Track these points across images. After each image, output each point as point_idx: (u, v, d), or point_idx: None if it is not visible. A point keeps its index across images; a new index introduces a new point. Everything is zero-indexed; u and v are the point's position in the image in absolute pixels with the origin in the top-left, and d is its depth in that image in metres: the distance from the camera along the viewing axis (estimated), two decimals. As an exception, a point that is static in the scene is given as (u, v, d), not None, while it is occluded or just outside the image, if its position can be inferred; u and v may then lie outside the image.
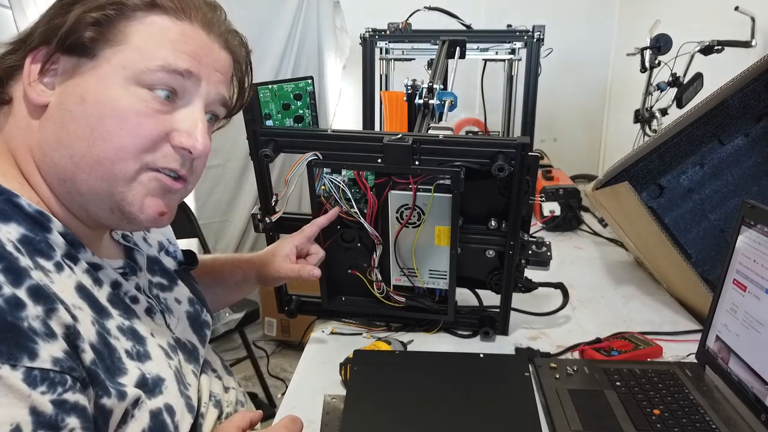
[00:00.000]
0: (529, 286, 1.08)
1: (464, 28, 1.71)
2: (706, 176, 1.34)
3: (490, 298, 1.13)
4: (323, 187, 1.00)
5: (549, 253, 1.03)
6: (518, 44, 1.64)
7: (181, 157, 0.64)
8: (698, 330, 1.12)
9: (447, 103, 1.07)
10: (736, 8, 1.44)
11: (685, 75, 1.57)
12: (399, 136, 0.92)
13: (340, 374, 0.95)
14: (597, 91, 2.45)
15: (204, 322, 0.82)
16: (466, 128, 2.11)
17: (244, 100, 0.75)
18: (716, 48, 1.47)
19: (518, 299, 1.11)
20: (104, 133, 0.59)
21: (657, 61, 1.64)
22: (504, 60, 1.73)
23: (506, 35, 1.65)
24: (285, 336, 2.53)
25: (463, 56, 1.34)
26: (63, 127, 0.60)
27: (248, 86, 0.75)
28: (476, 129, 2.10)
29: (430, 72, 1.27)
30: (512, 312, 1.10)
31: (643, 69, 1.66)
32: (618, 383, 0.91)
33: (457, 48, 1.32)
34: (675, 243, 1.16)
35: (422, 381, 0.92)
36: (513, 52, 1.67)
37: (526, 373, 0.93)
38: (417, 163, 0.93)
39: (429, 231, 0.99)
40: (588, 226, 1.74)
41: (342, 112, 2.55)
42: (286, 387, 0.98)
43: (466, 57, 1.36)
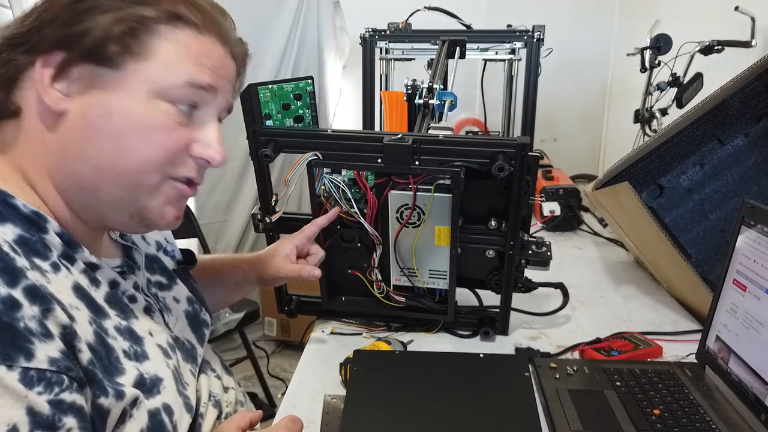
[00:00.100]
0: (529, 286, 1.08)
1: (464, 28, 1.71)
2: (706, 176, 1.34)
3: (490, 298, 1.13)
4: (323, 187, 1.00)
5: (549, 253, 1.03)
6: (518, 44, 1.64)
7: (199, 166, 0.67)
8: (698, 330, 1.12)
9: (447, 103, 1.07)
10: (736, 8, 1.43)
11: (685, 75, 1.57)
12: (399, 136, 0.92)
13: (340, 374, 0.95)
14: (597, 91, 2.45)
15: (203, 322, 0.82)
16: (466, 128, 2.11)
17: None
18: (716, 48, 1.47)
19: (518, 299, 1.11)
20: (131, 147, 0.61)
21: (657, 61, 1.64)
22: (504, 60, 1.73)
23: (506, 35, 1.64)
24: (285, 336, 2.53)
25: (463, 56, 1.34)
26: (87, 139, 0.61)
27: (240, 89, 0.77)
28: (476, 129, 2.10)
29: (430, 72, 1.27)
30: (512, 312, 1.10)
31: (643, 69, 1.66)
32: (618, 383, 0.91)
33: (457, 48, 1.32)
34: (675, 243, 1.16)
35: (422, 381, 0.92)
36: (513, 52, 1.67)
37: (526, 373, 0.93)
38: (417, 163, 0.93)
39: (429, 231, 0.99)
40: (588, 226, 1.74)
41: (342, 112, 2.55)
42: (286, 387, 0.98)
43: (466, 57, 1.36)
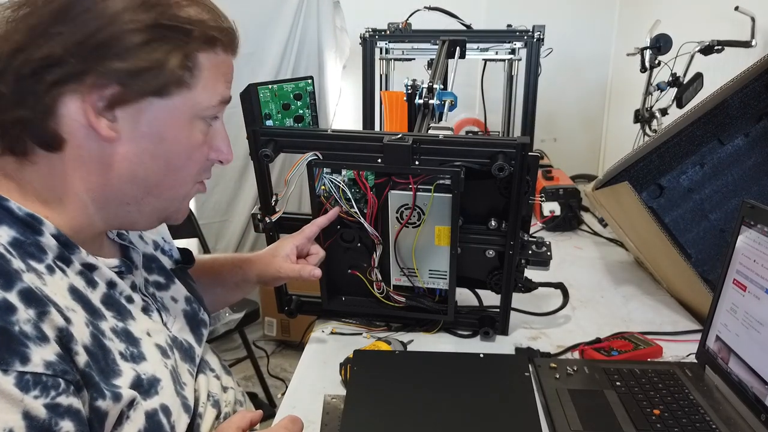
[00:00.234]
0: (529, 286, 1.08)
1: (464, 28, 1.71)
2: (706, 176, 1.34)
3: (490, 298, 1.13)
4: (323, 187, 1.00)
5: (549, 253, 1.03)
6: (518, 44, 1.64)
7: (211, 166, 0.72)
8: (698, 330, 1.12)
9: (447, 103, 1.07)
10: (736, 8, 1.43)
11: (685, 75, 1.57)
12: (399, 136, 0.92)
13: (340, 374, 0.95)
14: (597, 91, 2.45)
15: (201, 321, 0.82)
16: (466, 128, 2.11)
17: None
18: (716, 48, 1.47)
19: (518, 299, 1.11)
20: (177, 165, 0.66)
21: (657, 61, 1.64)
22: (504, 60, 1.72)
23: (506, 35, 1.64)
24: (285, 336, 2.53)
25: (463, 56, 1.34)
26: (140, 164, 0.63)
27: None
28: (476, 129, 2.10)
29: (430, 72, 1.27)
30: (512, 312, 1.10)
31: (643, 69, 1.66)
32: (618, 383, 0.91)
33: (457, 48, 1.32)
34: (675, 243, 1.16)
35: (422, 381, 0.92)
36: (513, 52, 1.67)
37: (526, 373, 0.93)
38: (417, 163, 0.93)
39: (429, 231, 0.99)
40: (588, 226, 1.74)
41: (342, 112, 2.55)
42: (286, 387, 0.98)
43: (466, 57, 1.36)
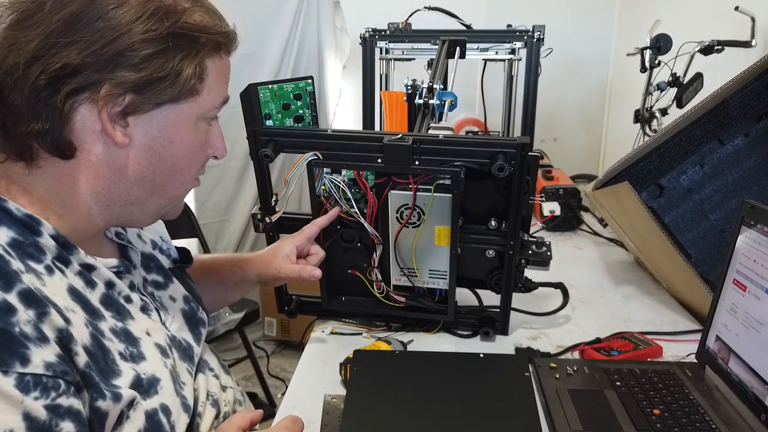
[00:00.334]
0: (529, 286, 1.08)
1: (464, 28, 1.71)
2: (706, 176, 1.34)
3: (490, 298, 1.13)
4: (323, 187, 1.00)
5: (549, 253, 1.03)
6: (518, 44, 1.64)
7: (206, 161, 0.74)
8: (698, 330, 1.12)
9: (447, 103, 1.07)
10: (736, 8, 1.43)
11: (685, 75, 1.57)
12: (399, 136, 0.92)
13: (340, 374, 0.95)
14: (597, 91, 2.45)
15: (199, 321, 0.82)
16: (466, 128, 2.11)
17: None
18: (716, 48, 1.47)
19: (518, 299, 1.11)
20: (182, 166, 0.68)
21: (657, 61, 1.64)
22: (504, 60, 1.72)
23: (506, 35, 1.64)
24: (285, 336, 2.53)
25: (463, 56, 1.34)
26: (149, 167, 0.65)
27: None
28: (476, 129, 2.10)
29: (430, 72, 1.27)
30: (512, 312, 1.10)
31: (643, 69, 1.66)
32: (618, 383, 0.91)
33: (457, 48, 1.32)
34: (675, 243, 1.16)
35: (422, 381, 0.92)
36: (513, 52, 1.67)
37: (526, 373, 0.93)
38: (417, 163, 0.93)
39: (429, 231, 0.99)
40: (588, 226, 1.74)
41: (342, 112, 2.55)
42: (286, 387, 0.98)
43: (466, 57, 1.36)
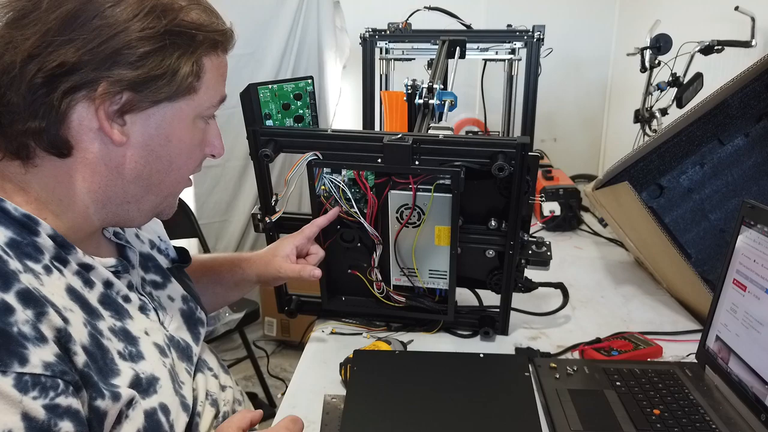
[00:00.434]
0: (529, 286, 1.08)
1: (464, 28, 1.71)
2: (706, 176, 1.34)
3: (490, 298, 1.13)
4: (323, 187, 1.00)
5: (549, 253, 1.03)
6: (518, 44, 1.64)
7: (203, 160, 0.73)
8: (698, 330, 1.12)
9: (447, 103, 1.07)
10: (736, 8, 1.43)
11: (685, 75, 1.57)
12: (399, 136, 0.92)
13: (340, 374, 0.95)
14: (597, 91, 2.45)
15: (198, 320, 0.82)
16: (466, 128, 2.11)
17: None
18: (716, 48, 1.47)
19: (518, 299, 1.11)
20: (179, 165, 0.68)
21: (657, 61, 1.64)
22: (504, 60, 1.72)
23: (506, 35, 1.64)
24: (285, 336, 2.53)
25: (463, 56, 1.34)
26: (147, 165, 0.65)
27: None
28: (476, 129, 2.10)
29: (430, 72, 1.27)
30: (512, 312, 1.10)
31: (643, 69, 1.66)
32: (618, 383, 0.91)
33: (457, 48, 1.32)
34: (675, 243, 1.16)
35: (422, 381, 0.92)
36: (513, 52, 1.66)
37: (526, 373, 0.93)
38: (417, 163, 0.93)
39: (429, 231, 0.99)
40: (588, 226, 1.74)
41: (342, 112, 2.55)
42: (286, 387, 0.98)
43: (466, 57, 1.36)
